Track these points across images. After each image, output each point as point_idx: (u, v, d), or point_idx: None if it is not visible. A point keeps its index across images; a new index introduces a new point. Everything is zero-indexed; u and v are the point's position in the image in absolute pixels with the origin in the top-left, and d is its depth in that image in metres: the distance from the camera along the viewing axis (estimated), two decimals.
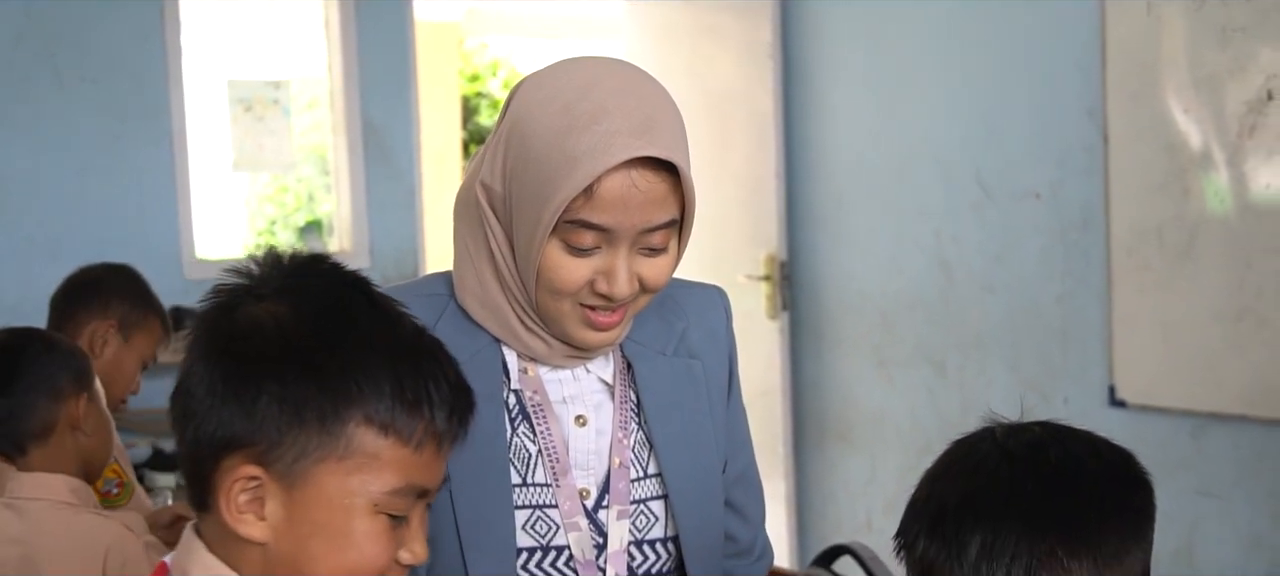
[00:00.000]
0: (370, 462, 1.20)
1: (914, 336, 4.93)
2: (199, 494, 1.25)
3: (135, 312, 3.18)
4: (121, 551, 2.30)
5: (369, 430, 1.20)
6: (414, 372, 1.22)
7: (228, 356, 1.21)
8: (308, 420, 1.19)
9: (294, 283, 1.25)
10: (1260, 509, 3.87)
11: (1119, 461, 1.36)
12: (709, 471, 1.65)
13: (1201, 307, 3.91)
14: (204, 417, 1.20)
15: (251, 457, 1.19)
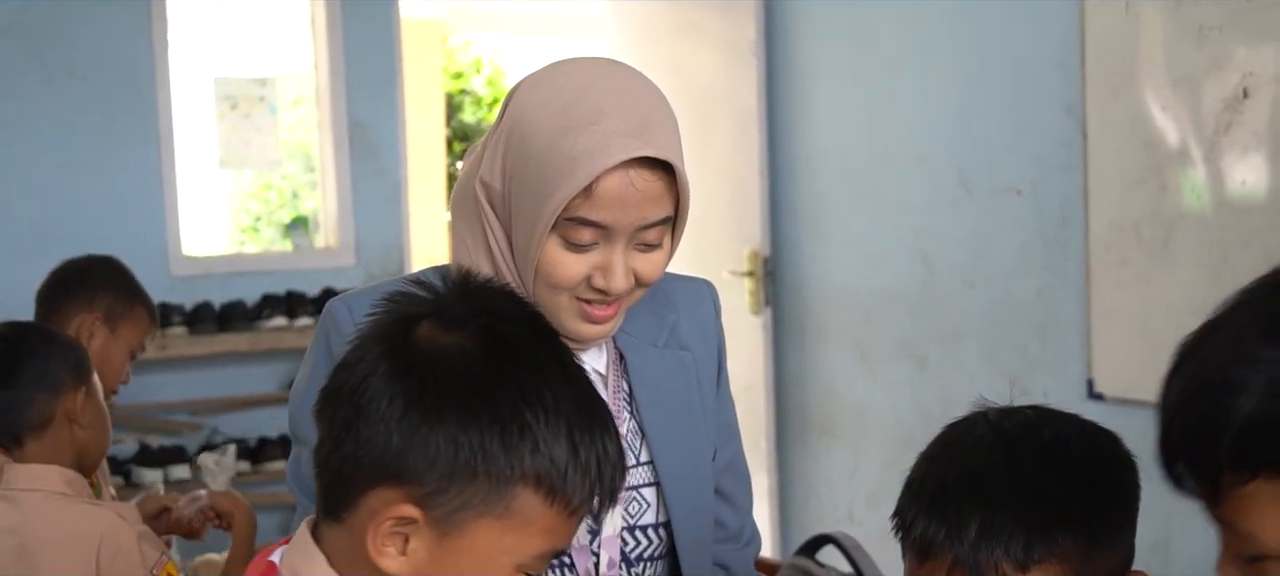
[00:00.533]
0: (527, 526, 1.17)
1: (895, 331, 4.98)
2: (335, 503, 1.20)
3: (121, 304, 3.20)
4: (114, 540, 2.33)
5: (536, 495, 1.16)
6: (589, 445, 1.18)
7: (410, 382, 1.15)
8: (480, 475, 1.14)
9: (482, 316, 1.20)
10: None
11: (1106, 442, 1.42)
12: (699, 459, 1.70)
13: (1178, 302, 3.97)
14: (372, 435, 1.15)
15: (413, 497, 1.15)
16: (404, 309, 1.20)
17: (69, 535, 2.33)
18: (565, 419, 1.16)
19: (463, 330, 1.17)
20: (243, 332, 5.43)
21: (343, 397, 1.18)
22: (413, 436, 1.13)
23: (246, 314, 5.46)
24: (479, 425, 1.13)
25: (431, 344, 1.16)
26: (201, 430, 5.50)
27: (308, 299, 5.59)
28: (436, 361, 1.15)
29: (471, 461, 1.13)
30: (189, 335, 5.32)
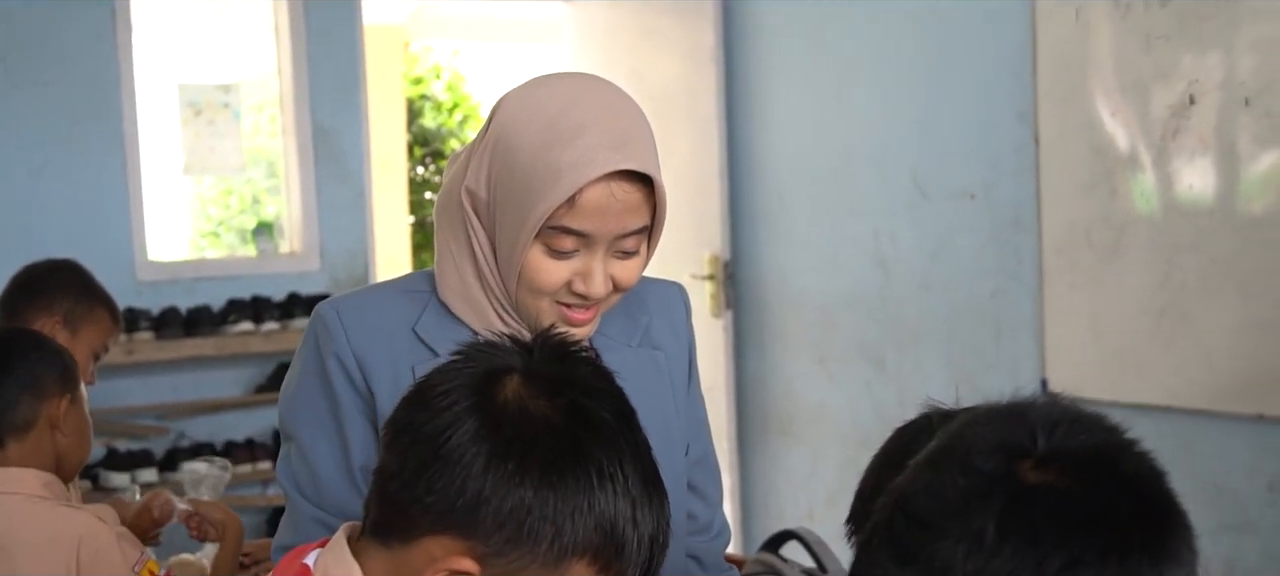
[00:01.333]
0: None
1: (853, 333, 5.07)
2: (389, 531, 1.21)
3: (80, 306, 3.21)
4: (94, 541, 2.36)
5: (591, 568, 1.20)
6: (646, 524, 1.21)
7: (497, 442, 1.17)
8: (542, 543, 1.16)
9: (571, 389, 1.21)
10: (1183, 495, 4.01)
11: None
12: (672, 454, 1.78)
13: (1128, 303, 4.07)
14: (448, 484, 1.17)
15: (474, 553, 1.17)
16: (493, 362, 1.22)
17: (48, 537, 2.36)
18: (631, 499, 1.19)
19: (552, 400, 1.19)
20: (209, 337, 5.46)
21: (422, 437, 1.19)
22: (489, 495, 1.16)
23: (212, 318, 5.49)
24: (555, 496, 1.16)
25: (520, 408, 1.18)
26: (169, 434, 5.52)
27: (273, 303, 5.63)
28: (523, 426, 1.17)
29: (539, 529, 1.16)
30: (155, 340, 5.34)
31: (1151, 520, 1.06)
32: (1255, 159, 3.75)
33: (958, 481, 1.04)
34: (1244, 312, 3.77)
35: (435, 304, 1.70)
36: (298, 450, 1.69)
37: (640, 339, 1.79)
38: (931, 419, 1.47)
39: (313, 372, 1.68)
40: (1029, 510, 1.02)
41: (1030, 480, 1.03)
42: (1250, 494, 3.87)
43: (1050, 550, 1.00)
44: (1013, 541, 1.00)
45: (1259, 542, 3.87)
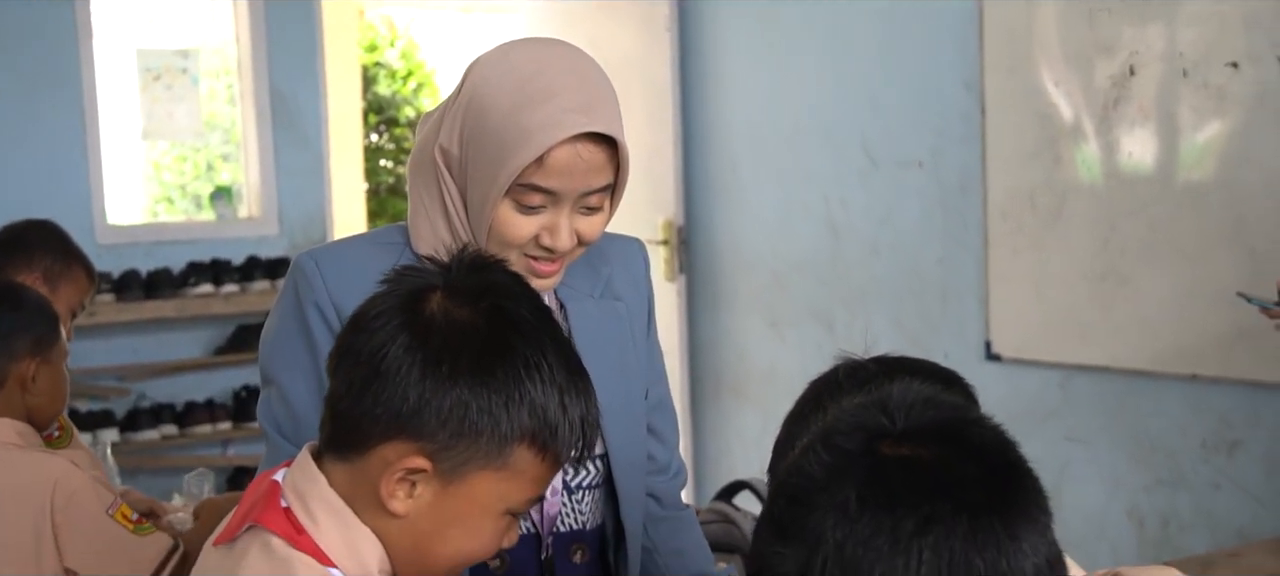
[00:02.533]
0: (520, 477, 1.32)
1: (804, 296, 5.19)
2: (344, 445, 1.32)
3: (59, 264, 3.24)
4: (67, 484, 2.41)
5: (531, 451, 1.31)
6: (575, 407, 1.33)
7: (428, 352, 1.28)
8: (484, 434, 1.28)
9: (490, 295, 1.33)
10: (1121, 453, 4.18)
11: (943, 387, 1.57)
12: (633, 398, 1.89)
13: (1070, 267, 4.21)
14: (391, 396, 1.28)
15: (424, 451, 1.28)
16: (417, 282, 1.33)
17: (24, 483, 2.41)
18: (558, 386, 1.31)
19: (474, 306, 1.31)
20: (169, 299, 5.51)
21: (362, 358, 1.30)
22: (428, 398, 1.27)
23: (173, 281, 5.54)
24: (487, 390, 1.28)
25: (446, 318, 1.30)
26: (130, 395, 5.58)
27: (233, 266, 5.68)
28: (450, 334, 1.29)
29: (478, 422, 1.28)
30: (116, 302, 5.39)
31: (1000, 482, 1.15)
32: (1193, 129, 3.88)
33: (824, 459, 1.15)
34: (1181, 277, 3.91)
35: (409, 256, 1.78)
36: (277, 393, 1.78)
37: (602, 290, 1.89)
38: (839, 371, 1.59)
39: (292, 319, 1.77)
40: (886, 480, 1.12)
41: (887, 454, 1.14)
42: (1184, 451, 4.02)
43: (906, 513, 1.09)
44: (872, 508, 1.10)
45: (1192, 498, 4.02)
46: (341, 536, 1.31)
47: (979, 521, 1.12)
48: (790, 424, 1.55)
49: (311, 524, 1.31)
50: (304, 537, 1.30)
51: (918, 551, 1.09)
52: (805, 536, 1.13)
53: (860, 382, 1.54)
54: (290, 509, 1.32)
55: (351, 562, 1.30)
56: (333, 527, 1.31)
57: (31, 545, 2.38)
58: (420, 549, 1.33)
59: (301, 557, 1.29)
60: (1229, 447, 3.91)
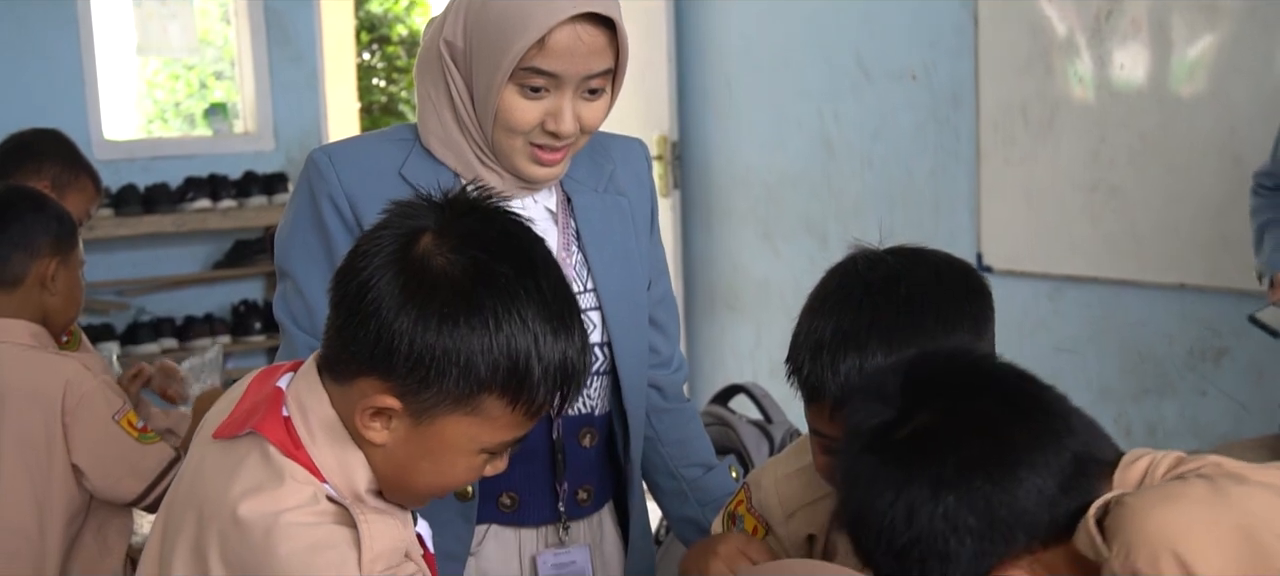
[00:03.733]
0: (493, 422, 1.34)
1: (797, 210, 5.23)
2: (336, 370, 1.35)
3: (67, 173, 3.29)
4: (79, 387, 2.48)
5: (501, 401, 1.32)
6: (553, 359, 1.33)
7: (407, 294, 1.30)
8: (453, 380, 1.30)
9: (475, 246, 1.33)
10: (1109, 362, 4.25)
11: (959, 280, 1.61)
12: (636, 288, 1.95)
13: (1061, 179, 4.26)
14: (368, 331, 1.30)
15: (394, 390, 1.31)
16: (412, 223, 1.35)
17: (38, 382, 2.48)
18: (532, 337, 1.31)
19: (457, 255, 1.32)
20: (167, 214, 5.55)
21: (349, 293, 1.34)
22: (397, 341, 1.29)
23: (170, 196, 5.57)
24: (453, 341, 1.29)
25: (429, 262, 1.31)
26: (129, 309, 5.62)
27: (230, 182, 5.71)
28: (426, 279, 1.30)
29: (444, 369, 1.29)
30: (115, 216, 5.42)
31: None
32: (1185, 41, 3.91)
33: None
34: (1170, 188, 3.96)
35: (419, 150, 1.84)
36: (293, 286, 1.83)
37: (606, 185, 1.95)
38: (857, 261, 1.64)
39: (307, 213, 1.82)
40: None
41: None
42: (1171, 359, 4.09)
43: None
44: None
45: (1177, 405, 4.09)
46: (336, 455, 1.35)
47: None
48: (808, 316, 1.59)
49: (309, 439, 1.35)
50: (301, 453, 1.34)
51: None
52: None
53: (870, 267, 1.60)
54: (291, 420, 1.36)
55: (342, 481, 1.34)
56: (328, 445, 1.35)
57: (44, 441, 2.45)
58: (399, 476, 1.37)
59: (295, 469, 1.33)
60: (1216, 355, 3.98)
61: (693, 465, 2.08)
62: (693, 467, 2.08)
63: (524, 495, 1.89)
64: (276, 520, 1.29)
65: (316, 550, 1.28)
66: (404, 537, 1.36)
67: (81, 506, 2.52)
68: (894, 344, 1.51)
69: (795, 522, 1.79)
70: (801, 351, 1.56)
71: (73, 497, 2.50)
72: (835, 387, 1.51)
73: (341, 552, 1.29)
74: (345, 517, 1.32)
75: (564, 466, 1.90)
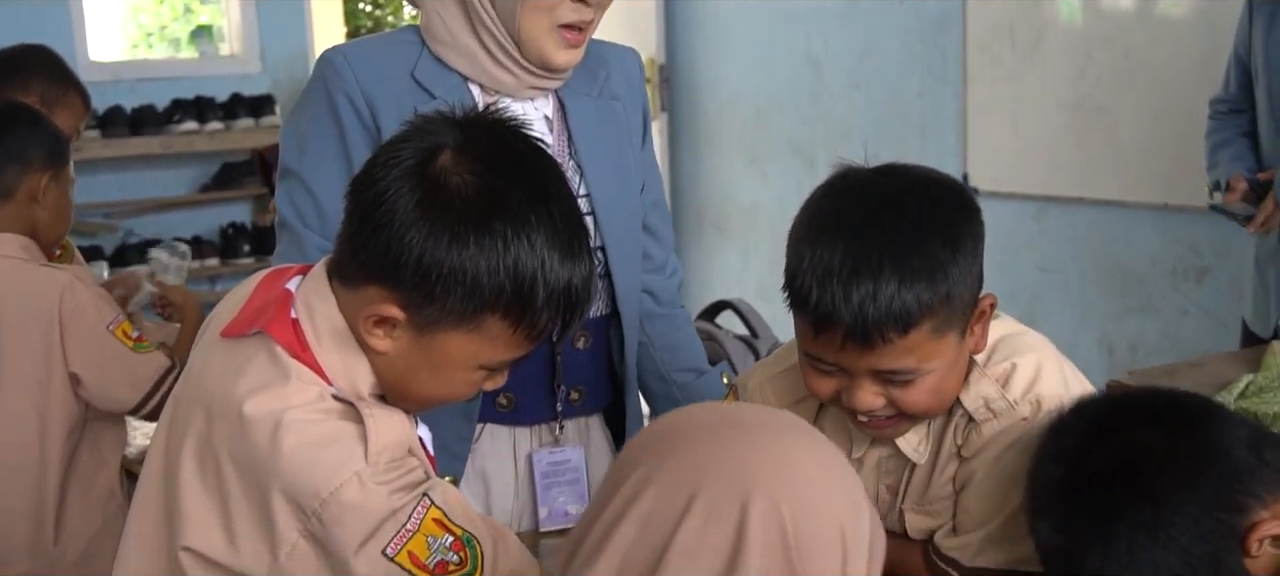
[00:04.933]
0: (494, 342, 1.36)
1: (785, 133, 5.25)
2: (346, 275, 1.37)
3: (55, 88, 3.28)
4: (73, 297, 2.49)
5: (503, 322, 1.34)
6: (558, 288, 1.34)
7: (421, 208, 1.31)
8: (458, 297, 1.32)
9: (493, 171, 1.34)
10: (1091, 282, 4.29)
11: (955, 198, 1.61)
12: (629, 192, 1.98)
13: (1047, 99, 4.27)
14: (380, 240, 1.32)
15: (399, 301, 1.33)
16: (431, 138, 1.36)
17: (34, 293, 2.49)
18: (540, 262, 1.33)
19: (474, 175, 1.33)
20: (154, 136, 5.54)
21: (365, 200, 1.35)
22: (407, 255, 1.31)
23: (157, 118, 5.56)
24: (465, 257, 1.31)
25: (445, 180, 1.32)
26: (117, 232, 5.62)
27: (216, 104, 5.70)
28: (441, 196, 1.32)
29: (450, 286, 1.31)
30: (101, 138, 5.41)
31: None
32: None
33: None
34: (1154, 107, 3.98)
35: (427, 54, 1.87)
36: (299, 184, 1.86)
37: (600, 90, 1.97)
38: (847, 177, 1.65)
39: (322, 110, 1.84)
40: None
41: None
42: (1154, 278, 4.12)
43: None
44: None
45: (1160, 324, 4.14)
46: (341, 359, 1.37)
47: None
48: (808, 243, 1.57)
49: (316, 342, 1.37)
50: (307, 354, 1.37)
51: (1168, 532, 1.36)
52: (1087, 555, 1.41)
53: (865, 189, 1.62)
54: (299, 322, 1.38)
55: (346, 383, 1.37)
56: (334, 350, 1.37)
57: (42, 352, 2.47)
58: (400, 383, 1.40)
59: (302, 370, 1.35)
60: (1197, 275, 4.02)
61: (684, 370, 2.11)
62: (684, 372, 2.11)
63: (521, 395, 1.93)
64: (282, 417, 1.31)
65: (322, 445, 1.31)
66: (409, 432, 1.38)
67: (79, 419, 2.55)
68: (906, 269, 1.51)
69: None
70: (806, 277, 1.54)
71: (71, 409, 2.52)
72: (848, 316, 1.51)
73: (348, 446, 1.31)
74: (351, 414, 1.34)
75: (561, 368, 1.94)
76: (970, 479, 1.66)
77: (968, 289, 1.57)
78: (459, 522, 1.35)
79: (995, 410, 1.63)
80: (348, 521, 1.29)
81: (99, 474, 2.60)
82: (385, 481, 1.31)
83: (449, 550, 1.33)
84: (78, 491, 2.56)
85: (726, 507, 0.95)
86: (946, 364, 1.58)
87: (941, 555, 1.68)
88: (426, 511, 1.32)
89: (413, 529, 1.31)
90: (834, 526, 1.00)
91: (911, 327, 1.52)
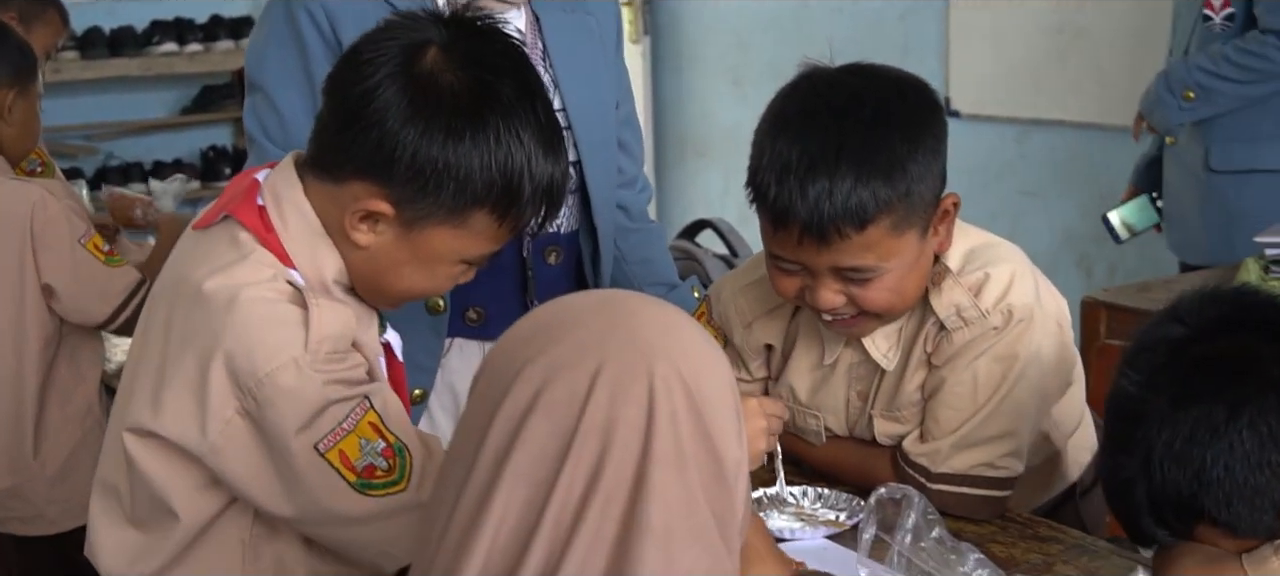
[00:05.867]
0: (478, 236, 1.39)
1: (767, 55, 5.23)
2: (326, 167, 1.39)
3: (34, 5, 3.28)
4: (45, 210, 2.49)
5: (490, 215, 1.38)
6: (541, 182, 1.38)
7: (413, 104, 1.33)
8: (450, 193, 1.35)
9: (479, 66, 1.36)
10: (1072, 204, 4.30)
11: (917, 97, 1.64)
12: (604, 106, 1.99)
13: (1028, 21, 4.27)
14: (370, 136, 1.34)
15: (388, 197, 1.35)
16: (416, 35, 1.37)
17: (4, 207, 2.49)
18: (526, 157, 1.36)
19: (461, 72, 1.35)
20: (133, 58, 5.51)
21: (351, 97, 1.36)
22: (401, 150, 1.33)
23: (136, 39, 5.53)
24: (455, 154, 1.34)
25: (433, 77, 1.34)
26: (98, 154, 5.60)
27: (196, 25, 5.66)
28: (433, 93, 1.34)
29: (442, 181, 1.34)
30: (81, 60, 5.38)
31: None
32: None
33: (1136, 378, 1.36)
34: (1135, 28, 3.98)
35: None
36: (264, 99, 1.85)
37: (574, 5, 1.97)
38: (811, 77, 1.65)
39: (283, 26, 1.84)
40: (1192, 380, 1.32)
41: (1189, 356, 1.34)
42: None
43: (1216, 403, 1.30)
44: (1187, 408, 1.31)
45: (1137, 246, 4.14)
46: (307, 243, 1.39)
47: None
48: (770, 138, 1.61)
49: (281, 225, 1.39)
50: (272, 237, 1.39)
51: (1237, 431, 1.27)
52: (1137, 445, 1.32)
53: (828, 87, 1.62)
54: (265, 208, 1.40)
55: (310, 268, 1.39)
56: (300, 233, 1.39)
57: (15, 265, 2.48)
58: (378, 278, 1.42)
59: (264, 253, 1.38)
60: None
61: (657, 284, 2.12)
62: (657, 286, 2.12)
63: (491, 310, 1.94)
64: (238, 293, 1.34)
65: (268, 324, 1.33)
66: (352, 326, 1.39)
67: (54, 332, 2.55)
68: (863, 165, 1.52)
69: (754, 332, 1.83)
70: (765, 174, 1.58)
71: (46, 322, 2.53)
72: (804, 211, 1.52)
73: (291, 331, 1.33)
74: (299, 300, 1.36)
75: (532, 282, 1.94)
76: (940, 386, 1.68)
77: (928, 188, 1.58)
78: (394, 430, 1.37)
79: (967, 318, 1.65)
80: (282, 405, 1.32)
81: (77, 388, 2.61)
82: (322, 371, 1.33)
83: (380, 455, 1.35)
84: (56, 405, 2.57)
85: (630, 379, 0.96)
86: (906, 262, 1.60)
87: (909, 461, 1.70)
88: (364, 414, 1.35)
89: (348, 428, 1.34)
90: (726, 382, 1.02)
91: (868, 224, 1.54)
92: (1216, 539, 1.35)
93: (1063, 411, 1.80)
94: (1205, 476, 1.29)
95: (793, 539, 1.66)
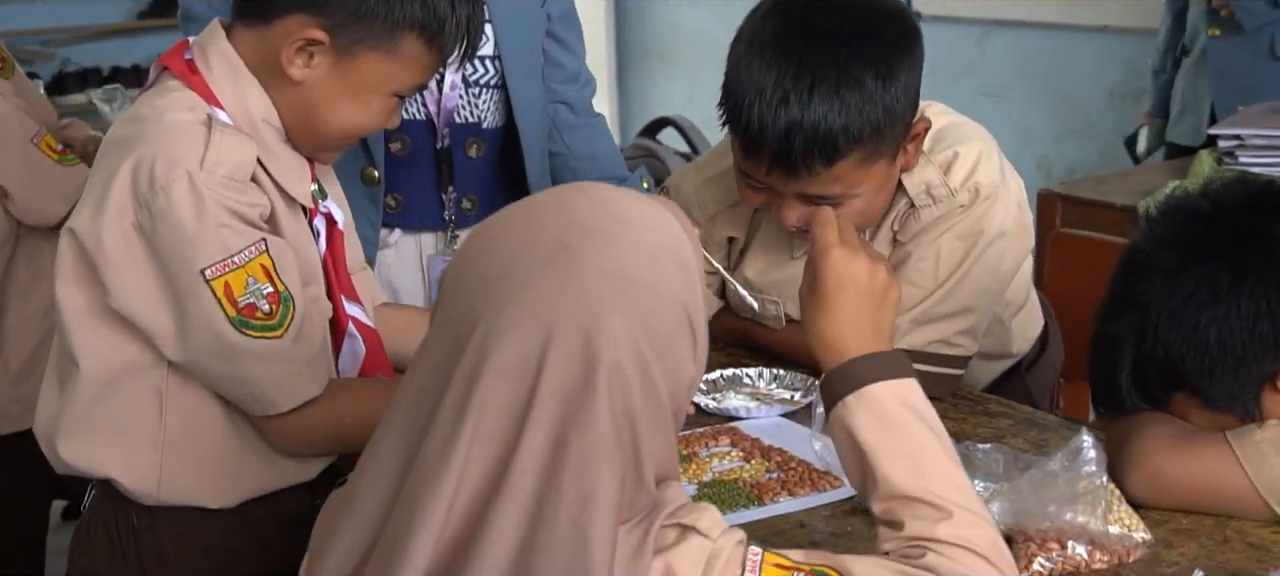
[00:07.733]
0: (408, 63, 1.47)
1: None
2: (256, 11, 1.47)
3: None
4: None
5: (419, 40, 1.46)
6: (464, 6, 1.47)
7: None
8: (378, 17, 1.43)
9: None
10: (1033, 105, 4.32)
11: (894, 30, 1.62)
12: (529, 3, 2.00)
13: None
14: None
15: (322, 25, 1.43)
16: None
17: None
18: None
19: None
20: None
21: None
22: None
23: None
24: None
25: None
26: (54, 59, 5.55)
27: None
28: None
29: (373, 6, 1.43)
30: None
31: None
32: None
33: (1151, 234, 1.42)
34: None
35: None
36: None
37: None
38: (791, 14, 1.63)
39: None
40: (1202, 242, 1.36)
41: (1200, 218, 1.38)
42: (1092, 100, 4.16)
43: (1221, 266, 1.34)
44: (1191, 267, 1.35)
45: (1098, 144, 4.18)
46: (232, 83, 1.46)
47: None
48: (746, 59, 1.59)
49: (206, 69, 1.46)
50: (197, 77, 1.46)
51: (1236, 298, 1.30)
52: (1136, 299, 1.35)
53: (807, 15, 1.60)
54: (193, 59, 1.48)
55: (237, 107, 1.46)
56: (225, 75, 1.46)
57: None
58: (312, 116, 1.48)
59: (188, 92, 1.45)
60: (1136, 96, 4.05)
61: (605, 178, 2.12)
62: (606, 181, 2.12)
63: (408, 197, 1.98)
64: (165, 113, 1.42)
65: (176, 135, 1.41)
66: (252, 161, 1.44)
67: (11, 232, 2.54)
68: (835, 101, 1.53)
69: (717, 226, 1.85)
70: (739, 99, 1.58)
71: (1, 223, 2.51)
72: (774, 144, 1.53)
73: (192, 147, 1.40)
74: (209, 125, 1.42)
75: (450, 174, 1.97)
76: (904, 261, 1.70)
77: (900, 120, 1.60)
78: (283, 279, 1.42)
79: (936, 196, 1.68)
80: (174, 220, 1.37)
81: (37, 287, 2.59)
82: (216, 193, 1.38)
83: (264, 299, 1.40)
84: (16, 304, 2.56)
85: (579, 342, 0.97)
86: (874, 187, 1.63)
87: None
88: (257, 254, 1.40)
89: (238, 263, 1.39)
90: (679, 310, 1.03)
91: (837, 159, 1.56)
92: (1190, 412, 1.37)
93: (1011, 289, 1.82)
94: (1197, 338, 1.32)
95: (749, 417, 1.68)
